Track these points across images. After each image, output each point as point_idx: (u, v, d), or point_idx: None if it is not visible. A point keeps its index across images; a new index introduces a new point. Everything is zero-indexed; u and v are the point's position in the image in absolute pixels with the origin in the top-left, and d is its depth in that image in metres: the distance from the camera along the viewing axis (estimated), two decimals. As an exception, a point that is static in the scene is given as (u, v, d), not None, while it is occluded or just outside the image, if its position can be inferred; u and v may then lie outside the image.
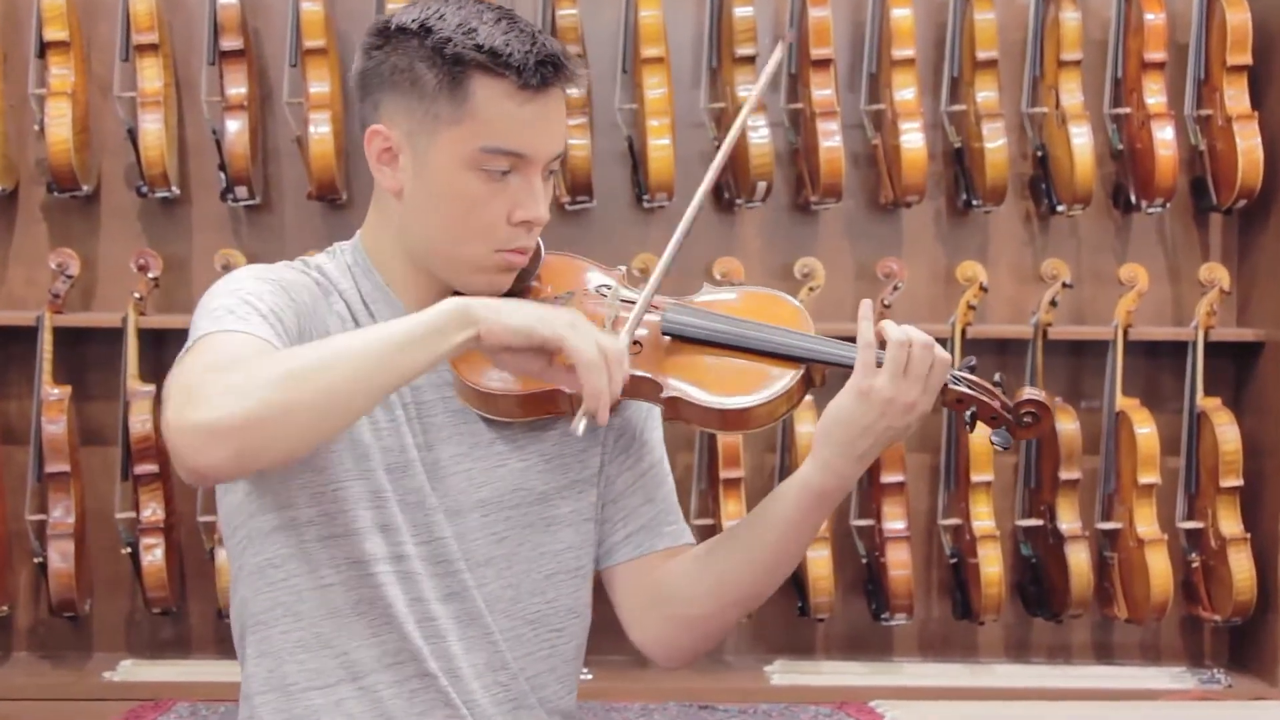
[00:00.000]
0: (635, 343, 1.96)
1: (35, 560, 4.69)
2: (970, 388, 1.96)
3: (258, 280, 1.90)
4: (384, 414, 1.96)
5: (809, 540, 2.01)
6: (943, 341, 4.74)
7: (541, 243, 2.05)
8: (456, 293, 2.00)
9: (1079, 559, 4.75)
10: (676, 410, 1.95)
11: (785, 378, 1.95)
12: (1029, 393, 1.95)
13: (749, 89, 4.72)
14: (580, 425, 1.81)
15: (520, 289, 2.03)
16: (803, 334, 1.99)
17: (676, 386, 1.94)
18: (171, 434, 1.69)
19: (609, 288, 2.04)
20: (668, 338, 1.98)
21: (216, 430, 1.66)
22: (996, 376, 1.99)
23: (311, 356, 1.72)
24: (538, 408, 1.97)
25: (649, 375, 1.95)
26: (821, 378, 1.99)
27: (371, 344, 1.73)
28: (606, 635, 2.22)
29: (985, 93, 4.78)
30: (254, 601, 2.01)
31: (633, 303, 1.98)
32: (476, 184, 1.93)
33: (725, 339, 1.98)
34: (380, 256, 2.02)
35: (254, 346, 1.78)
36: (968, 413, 1.95)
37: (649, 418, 2.12)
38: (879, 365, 1.92)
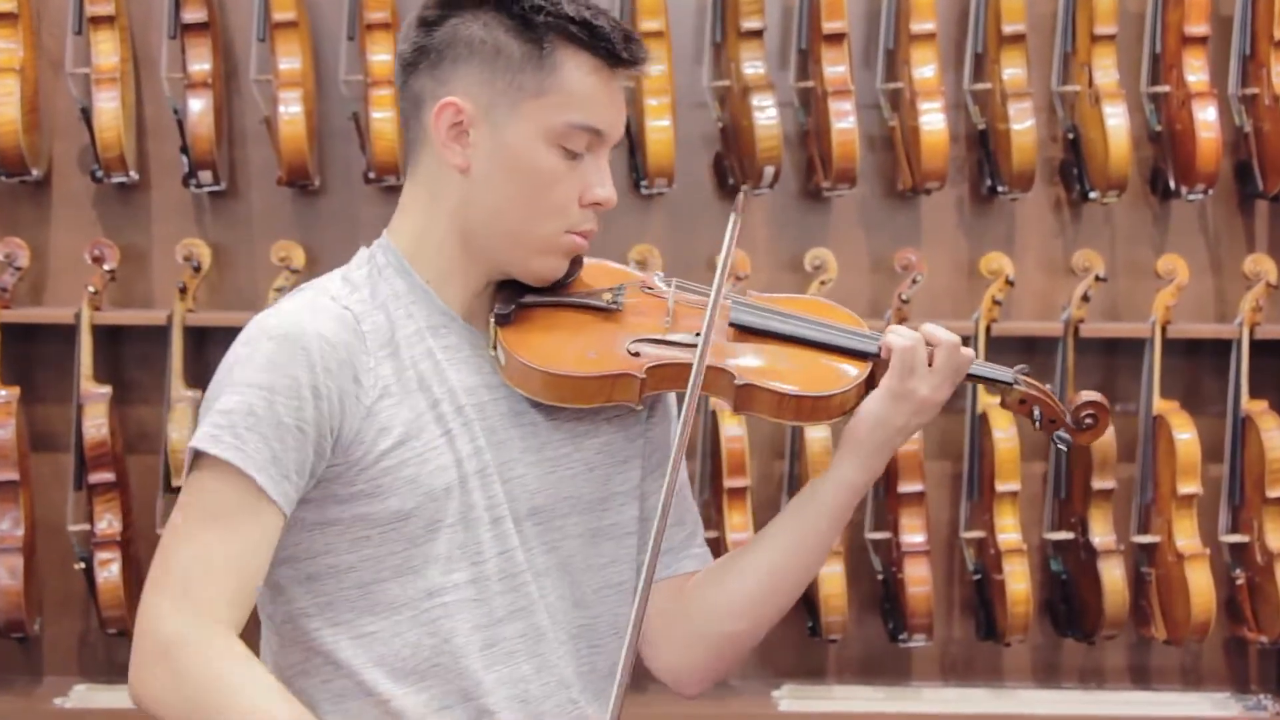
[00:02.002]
0: (696, 334, 2.05)
1: (-19, 576, 4.70)
2: (1032, 389, 2.16)
3: (274, 368, 1.92)
4: (451, 419, 2.01)
5: (834, 538, 2.15)
6: (966, 340, 4.79)
7: None
8: (505, 282, 2.05)
9: (1113, 575, 4.75)
10: (750, 400, 2.06)
11: (854, 372, 2.11)
12: (1087, 395, 2.16)
13: (755, 66, 4.73)
14: None
15: (565, 283, 2.11)
16: (870, 332, 2.14)
17: (752, 373, 2.06)
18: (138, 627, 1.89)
19: (651, 288, 2.14)
20: (734, 330, 2.11)
21: (142, 705, 1.88)
22: (1048, 386, 2.18)
23: (220, 708, 1.83)
24: (599, 394, 2.04)
25: (721, 365, 2.06)
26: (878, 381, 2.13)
27: None
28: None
29: (1012, 70, 4.78)
30: (286, 652, 2.05)
31: (692, 297, 2.11)
32: (554, 160, 2.00)
33: (796, 332, 2.12)
34: (420, 250, 2.06)
35: (233, 515, 1.89)
36: (1035, 410, 2.15)
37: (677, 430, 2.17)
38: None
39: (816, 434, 4.66)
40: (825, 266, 4.78)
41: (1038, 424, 2.16)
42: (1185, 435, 4.72)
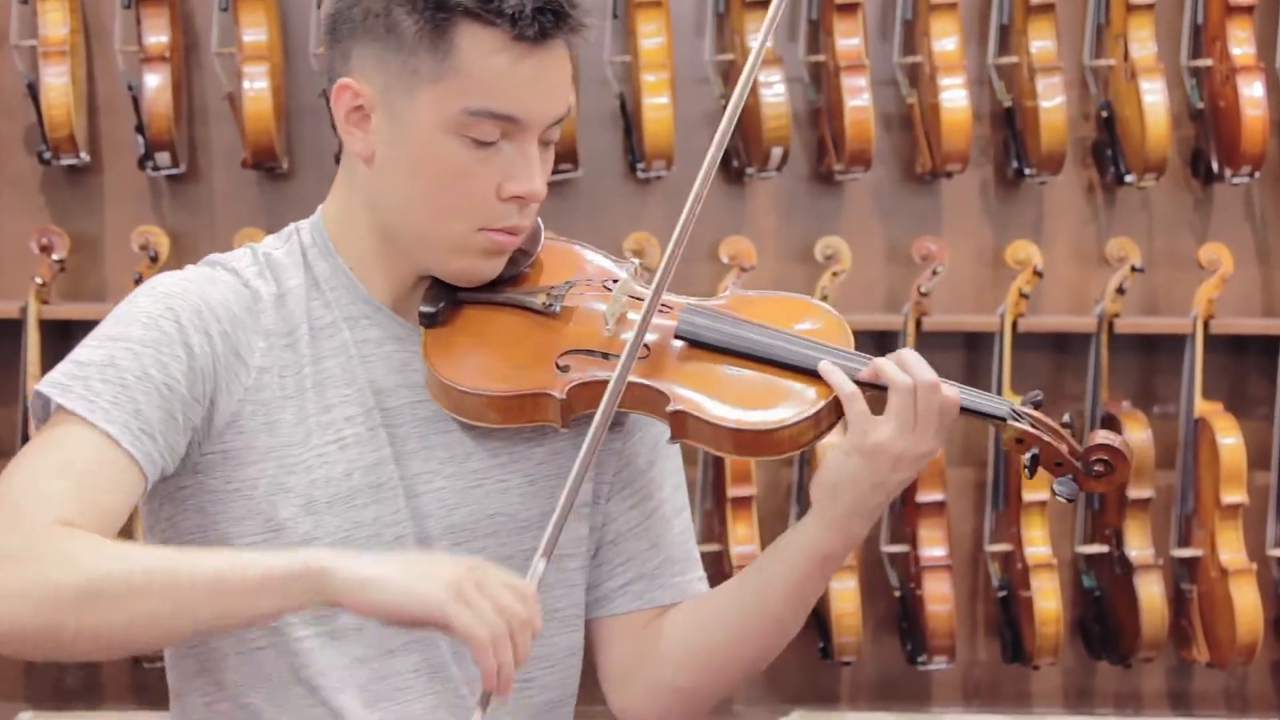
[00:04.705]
0: (644, 346, 1.95)
1: (-82, 594, 4.68)
2: (1034, 426, 1.96)
3: (150, 324, 1.90)
4: (355, 423, 1.96)
5: (812, 604, 2.03)
6: (990, 336, 4.81)
7: (541, 223, 2.04)
8: (435, 280, 2.00)
9: (1151, 592, 4.75)
10: (684, 427, 1.94)
11: (815, 399, 1.95)
12: (1102, 437, 1.96)
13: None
14: (476, 716, 1.82)
15: (514, 275, 2.02)
16: (843, 350, 1.98)
17: (686, 398, 1.94)
18: None
19: (616, 282, 2.03)
20: (681, 343, 1.98)
21: None
22: (1066, 417, 2.00)
23: (121, 574, 1.75)
24: (518, 414, 1.96)
25: (654, 384, 1.95)
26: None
27: (196, 581, 1.76)
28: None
29: (1040, 42, 4.77)
30: (176, 667, 2.02)
31: (641, 299, 1.96)
32: (461, 151, 1.92)
33: (749, 348, 1.97)
34: (343, 233, 2.01)
35: (86, 466, 1.83)
36: (1028, 455, 1.96)
37: (660, 444, 2.11)
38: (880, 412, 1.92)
39: (830, 438, 4.65)
40: (838, 256, 4.77)
41: (1030, 468, 1.96)
42: (1229, 440, 4.72)
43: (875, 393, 1.94)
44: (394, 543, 1.96)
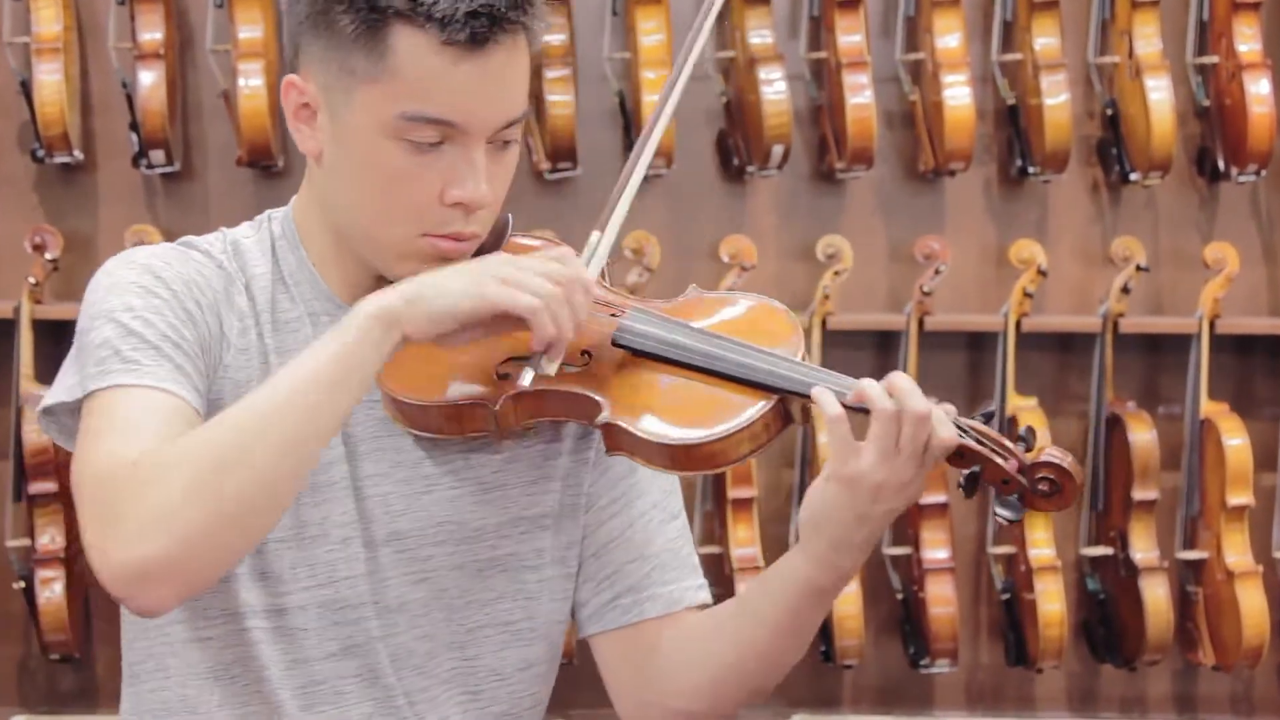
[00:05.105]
0: (584, 352, 1.91)
1: (-90, 597, 4.69)
2: (978, 441, 1.85)
3: (145, 292, 1.88)
4: None
5: (811, 634, 1.98)
6: (993, 336, 4.79)
7: (510, 219, 2.01)
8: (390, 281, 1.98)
9: (1156, 595, 4.74)
10: (617, 440, 1.88)
11: (750, 410, 1.87)
12: (1050, 454, 1.84)
13: (763, 35, 4.71)
14: (527, 376, 1.82)
15: None
16: (783, 358, 1.90)
17: (619, 410, 1.88)
18: (99, 568, 1.73)
19: None
20: (621, 350, 1.92)
21: (150, 573, 1.72)
22: (1021, 430, 1.88)
23: (230, 440, 1.73)
24: (457, 424, 1.92)
25: (587, 393, 1.89)
26: (805, 412, 1.88)
27: (295, 399, 1.75)
28: (594, 689, 2.20)
29: (1045, 39, 4.77)
30: (130, 649, 2.00)
31: (600, 289, 1.93)
32: (400, 155, 1.88)
33: (685, 357, 1.91)
34: (307, 228, 1.99)
35: (156, 416, 1.80)
36: (964, 473, 1.85)
37: None
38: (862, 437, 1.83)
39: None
40: (839, 255, 4.76)
41: (967, 487, 1.83)
42: (1235, 441, 4.71)
43: (862, 416, 1.83)
44: (341, 544, 1.94)
